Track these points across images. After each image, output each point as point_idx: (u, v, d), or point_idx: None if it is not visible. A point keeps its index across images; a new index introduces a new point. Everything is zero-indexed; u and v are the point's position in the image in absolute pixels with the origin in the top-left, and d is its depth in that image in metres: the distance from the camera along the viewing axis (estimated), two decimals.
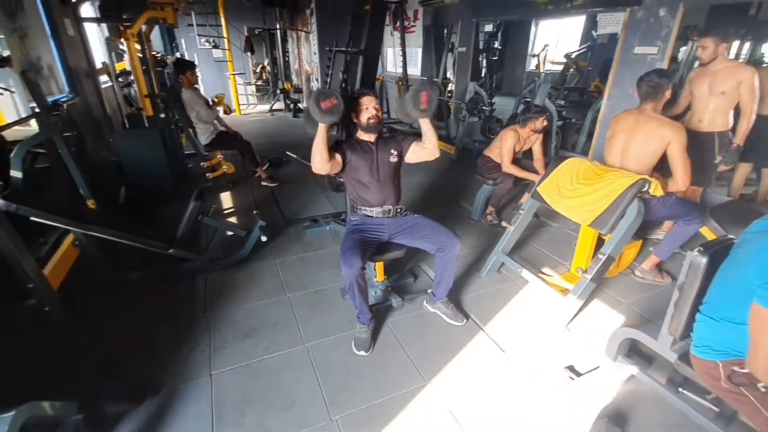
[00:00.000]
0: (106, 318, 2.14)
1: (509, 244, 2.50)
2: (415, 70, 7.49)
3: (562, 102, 6.36)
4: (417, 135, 2.10)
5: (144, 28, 3.65)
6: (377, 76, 8.07)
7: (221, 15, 7.51)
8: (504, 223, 2.45)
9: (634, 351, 1.76)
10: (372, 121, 2.00)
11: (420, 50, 7.04)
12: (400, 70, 6.93)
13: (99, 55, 5.36)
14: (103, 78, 4.80)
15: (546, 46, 9.70)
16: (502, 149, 3.04)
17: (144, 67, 3.50)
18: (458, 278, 2.52)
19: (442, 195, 4.03)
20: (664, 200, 2.09)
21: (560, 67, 8.94)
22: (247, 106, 9.06)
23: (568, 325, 2.10)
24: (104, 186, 3.54)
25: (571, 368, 1.80)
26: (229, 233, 2.84)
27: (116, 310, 2.20)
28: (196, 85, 3.69)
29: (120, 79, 4.55)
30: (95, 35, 5.36)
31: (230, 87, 8.14)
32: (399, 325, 2.11)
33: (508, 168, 3.02)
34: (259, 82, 9.78)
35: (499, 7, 5.02)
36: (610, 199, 1.96)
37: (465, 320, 2.11)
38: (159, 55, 5.75)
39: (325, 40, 7.58)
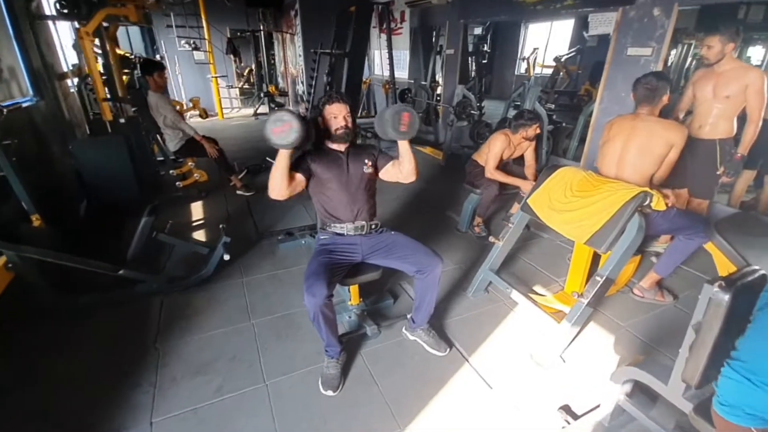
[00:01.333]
0: (40, 351, 1.88)
1: (497, 260, 2.28)
2: (402, 73, 7.30)
3: (552, 106, 6.20)
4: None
5: (107, 27, 3.39)
6: (364, 80, 7.88)
7: (202, 16, 7.25)
8: (492, 238, 2.23)
9: (637, 386, 1.55)
10: (341, 131, 1.77)
11: (407, 52, 6.86)
12: (387, 74, 6.74)
13: (72, 57, 5.09)
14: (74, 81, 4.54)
15: (536, 49, 9.60)
16: (488, 153, 2.84)
17: (104, 69, 3.23)
18: (442, 298, 2.30)
19: (428, 204, 3.81)
20: (664, 213, 1.89)
21: (550, 71, 8.85)
22: (230, 110, 8.79)
23: (562, 353, 1.88)
24: (63, 198, 3.27)
25: (567, 409, 1.58)
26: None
27: (54, 342, 1.94)
28: (163, 88, 3.43)
29: (88, 82, 4.26)
30: (67, 36, 5.08)
31: (212, 90, 7.86)
32: (374, 357, 1.88)
33: (492, 173, 2.82)
34: (245, 86, 9.51)
35: (487, 7, 4.85)
36: (607, 214, 1.75)
37: (448, 349, 1.89)
38: (132, 56, 5.47)
39: (310, 42, 7.38)
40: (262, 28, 7.89)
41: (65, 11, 3.01)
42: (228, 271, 2.56)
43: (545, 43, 9.91)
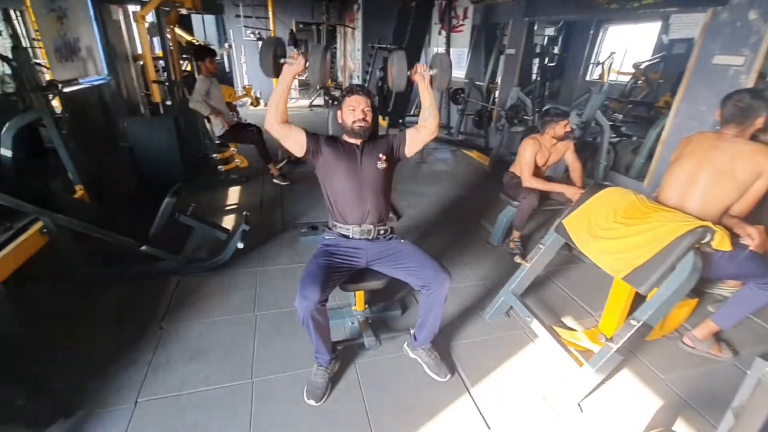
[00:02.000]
0: (57, 315, 1.99)
1: (522, 284, 2.05)
2: (459, 72, 7.03)
3: (621, 116, 5.61)
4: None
5: (167, 11, 3.58)
6: None
7: (269, 7, 7.50)
8: (518, 259, 2.00)
9: None
10: (358, 125, 1.66)
11: (466, 50, 6.57)
12: None
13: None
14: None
15: (612, 53, 8.77)
16: (520, 162, 2.60)
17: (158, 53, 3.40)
18: (456, 316, 2.12)
19: (463, 210, 3.59)
20: (732, 254, 1.56)
21: (627, 78, 8.04)
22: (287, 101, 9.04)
23: (581, 402, 1.63)
24: (117, 173, 3.52)
25: None
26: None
27: (72, 309, 2.05)
28: (213, 74, 3.54)
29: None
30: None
31: (272, 80, 8.13)
32: (368, 370, 1.76)
33: (530, 181, 2.57)
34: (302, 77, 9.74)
35: (554, 5, 4.46)
36: (655, 248, 1.47)
37: (449, 375, 1.71)
38: (200, 42, 5.77)
39: (369, 37, 7.35)
40: (324, 20, 8.00)
41: None
42: (246, 258, 2.57)
43: (625, 47, 9.03)
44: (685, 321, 2.09)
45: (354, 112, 1.67)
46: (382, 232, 1.74)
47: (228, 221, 3.16)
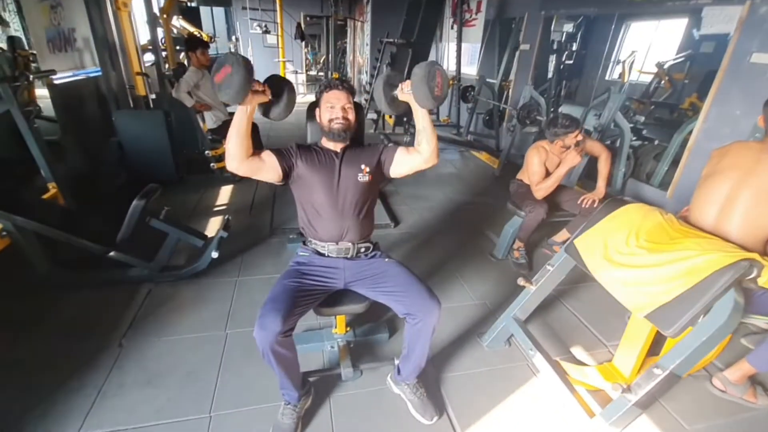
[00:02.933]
0: (12, 324, 1.83)
1: (526, 308, 1.80)
2: (471, 68, 6.75)
3: (643, 118, 5.26)
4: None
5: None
6: None
7: (277, 1, 7.31)
8: (522, 281, 1.75)
9: None
10: (336, 125, 1.44)
11: (479, 46, 6.27)
12: (455, 68, 6.24)
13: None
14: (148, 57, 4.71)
15: (634, 51, 8.35)
16: (528, 171, 2.40)
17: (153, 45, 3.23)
18: (450, 341, 1.89)
19: (467, 217, 3.34)
20: None
21: (649, 78, 7.64)
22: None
23: None
24: (103, 169, 3.36)
25: None
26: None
27: (31, 317, 1.89)
28: (205, 66, 3.35)
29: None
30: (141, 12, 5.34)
31: (280, 73, 7.96)
32: (344, 407, 1.54)
33: (538, 190, 2.35)
34: (320, 74, 9.57)
35: None
36: (687, 282, 1.21)
37: (435, 418, 1.48)
38: (200, 34, 5.60)
39: (377, 31, 7.11)
40: (332, 14, 7.77)
41: None
42: (226, 266, 2.38)
43: (647, 45, 8.60)
44: (715, 358, 1.82)
45: (333, 109, 1.44)
46: (362, 249, 1.52)
47: (213, 224, 2.97)
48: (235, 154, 1.33)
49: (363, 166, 1.47)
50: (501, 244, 2.66)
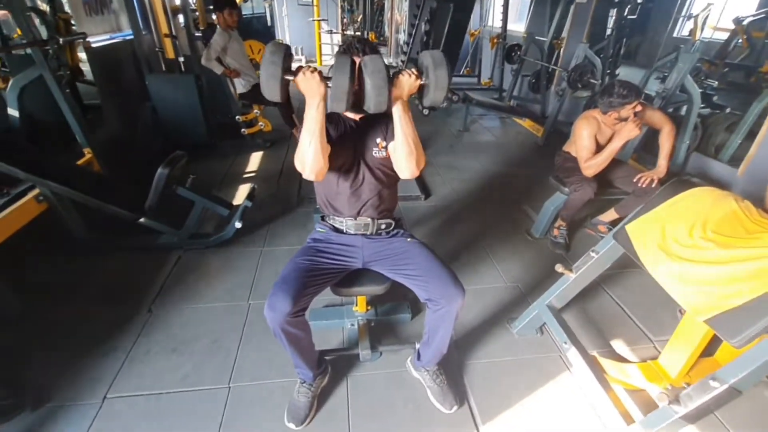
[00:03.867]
0: (45, 288, 1.93)
1: (563, 297, 1.65)
2: (518, 26, 6.18)
3: (715, 83, 4.62)
4: None
5: None
6: (472, 31, 6.89)
7: None
8: (560, 268, 1.58)
9: None
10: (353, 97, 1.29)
11: (528, 1, 5.69)
12: (500, 26, 5.73)
13: None
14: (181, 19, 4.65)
15: (709, 4, 7.27)
16: (576, 145, 2.15)
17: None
18: (476, 326, 1.79)
19: (504, 191, 3.13)
20: None
21: (724, 36, 6.67)
22: (330, 57, 8.60)
23: None
24: (142, 134, 3.41)
25: None
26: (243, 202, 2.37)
27: (65, 280, 1.97)
28: (232, 27, 3.23)
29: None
30: None
31: (314, 35, 7.69)
32: (361, 388, 1.50)
33: (588, 167, 2.10)
34: (349, 32, 9.18)
35: None
36: (763, 285, 1.02)
37: (455, 407, 1.41)
38: None
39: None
40: None
41: None
42: (253, 235, 2.37)
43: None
44: None
45: None
46: (383, 226, 1.41)
47: (241, 192, 2.96)
48: (316, 161, 1.17)
49: (378, 141, 1.33)
50: (540, 222, 2.47)
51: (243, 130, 3.63)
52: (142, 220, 2.09)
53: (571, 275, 1.59)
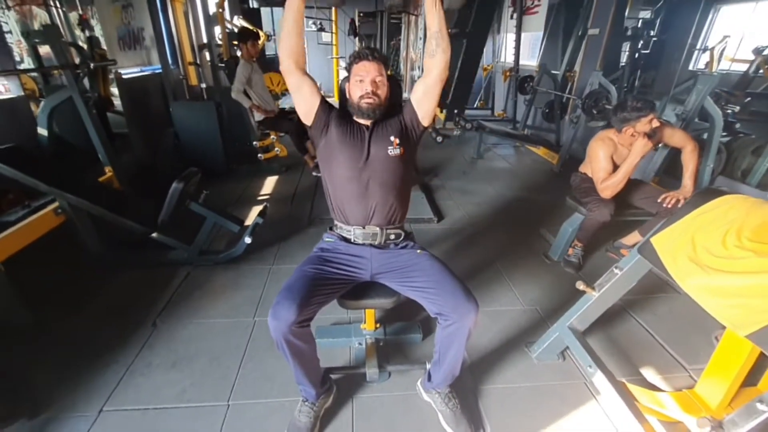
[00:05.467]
0: (56, 298, 1.92)
1: (586, 318, 1.54)
2: (531, 61, 6.30)
3: (737, 108, 4.54)
4: None
5: None
6: (485, 66, 7.07)
7: None
8: (582, 286, 1.49)
9: None
10: (366, 102, 1.30)
11: (541, 35, 5.83)
12: (512, 60, 5.87)
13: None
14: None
15: (726, 37, 7.32)
16: (593, 167, 2.10)
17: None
18: (490, 349, 1.68)
19: (520, 215, 3.06)
20: None
21: (743, 68, 6.66)
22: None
23: None
24: (161, 157, 3.53)
25: None
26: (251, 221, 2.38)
27: (76, 291, 1.97)
28: (254, 58, 3.39)
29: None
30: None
31: (333, 71, 8.04)
32: (367, 411, 1.39)
33: (605, 188, 2.03)
34: None
35: None
36: None
37: None
38: (256, 30, 5.75)
39: None
40: (386, 8, 7.71)
41: None
42: (263, 253, 2.35)
43: (742, 31, 7.50)
44: None
45: (362, 83, 1.31)
46: (392, 236, 1.36)
47: (254, 212, 2.97)
48: (286, 46, 1.26)
49: (393, 138, 1.32)
50: (558, 245, 2.37)
51: (260, 155, 3.71)
52: (154, 234, 2.09)
53: (594, 293, 1.49)
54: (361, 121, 1.36)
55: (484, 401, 1.44)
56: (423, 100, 1.34)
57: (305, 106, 1.33)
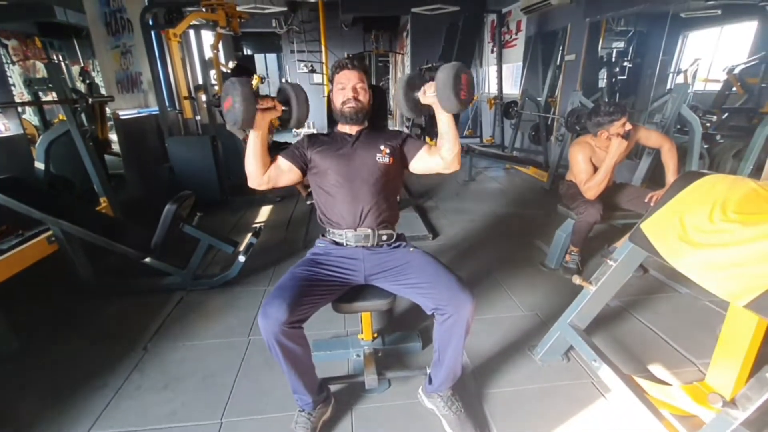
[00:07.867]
0: (48, 324, 1.87)
1: (586, 314, 1.51)
2: (514, 89, 6.58)
3: (714, 118, 4.71)
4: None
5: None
6: None
7: (322, 42, 7.80)
8: (577, 279, 1.48)
9: None
10: (348, 108, 1.36)
11: (521, 65, 6.13)
12: (496, 89, 6.13)
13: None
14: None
15: (697, 60, 7.73)
16: (573, 171, 2.17)
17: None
18: (493, 354, 1.63)
19: (514, 228, 3.07)
20: None
21: (717, 86, 6.97)
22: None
23: None
24: (158, 191, 3.57)
25: None
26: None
27: (67, 319, 1.92)
28: None
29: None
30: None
31: (324, 109, 8.33)
32: (367, 421, 1.33)
33: (588, 189, 2.08)
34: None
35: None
36: None
37: None
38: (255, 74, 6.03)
39: (417, 61, 7.25)
40: (372, 50, 8.13)
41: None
42: (257, 276, 2.32)
43: (711, 54, 7.93)
44: None
45: (343, 90, 1.37)
46: (385, 237, 1.36)
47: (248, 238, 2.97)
48: (255, 174, 1.31)
49: (382, 147, 1.36)
50: (553, 252, 2.37)
51: None
52: (147, 259, 2.08)
53: (591, 288, 1.48)
54: (347, 129, 1.41)
55: (488, 405, 1.38)
56: (421, 163, 1.39)
57: (293, 177, 1.38)
